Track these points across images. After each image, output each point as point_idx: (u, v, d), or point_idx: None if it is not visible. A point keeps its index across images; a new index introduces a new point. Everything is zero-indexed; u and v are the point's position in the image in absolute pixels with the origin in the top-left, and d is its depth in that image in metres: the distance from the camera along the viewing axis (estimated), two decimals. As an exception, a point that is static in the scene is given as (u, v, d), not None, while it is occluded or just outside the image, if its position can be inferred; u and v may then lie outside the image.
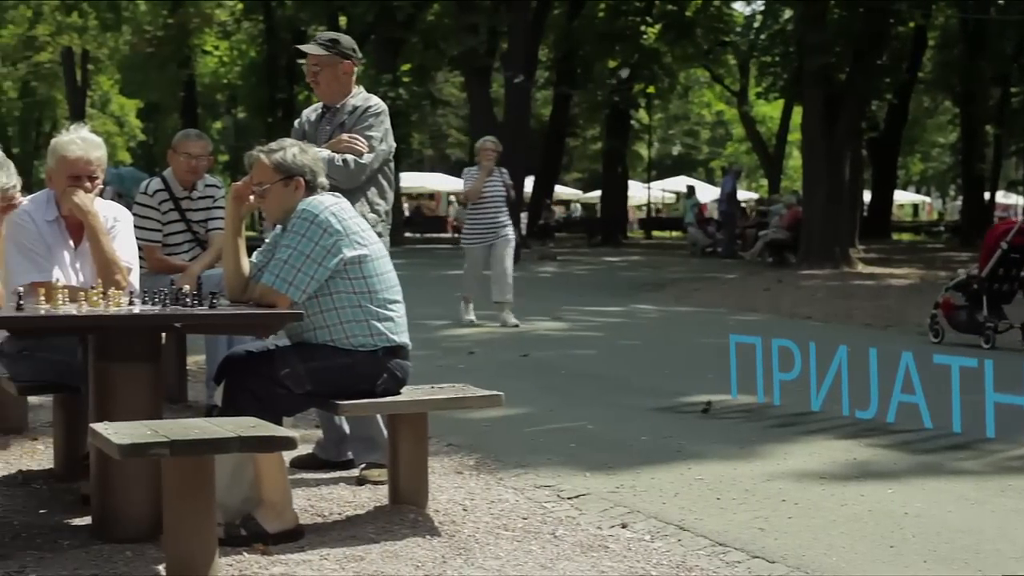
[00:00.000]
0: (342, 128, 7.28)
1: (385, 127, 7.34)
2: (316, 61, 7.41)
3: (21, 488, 6.75)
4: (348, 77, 7.42)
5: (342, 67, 7.38)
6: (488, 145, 15.70)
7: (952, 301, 14.13)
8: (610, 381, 11.14)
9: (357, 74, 7.54)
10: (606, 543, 5.72)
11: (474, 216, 15.81)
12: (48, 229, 6.55)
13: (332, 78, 7.39)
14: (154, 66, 54.76)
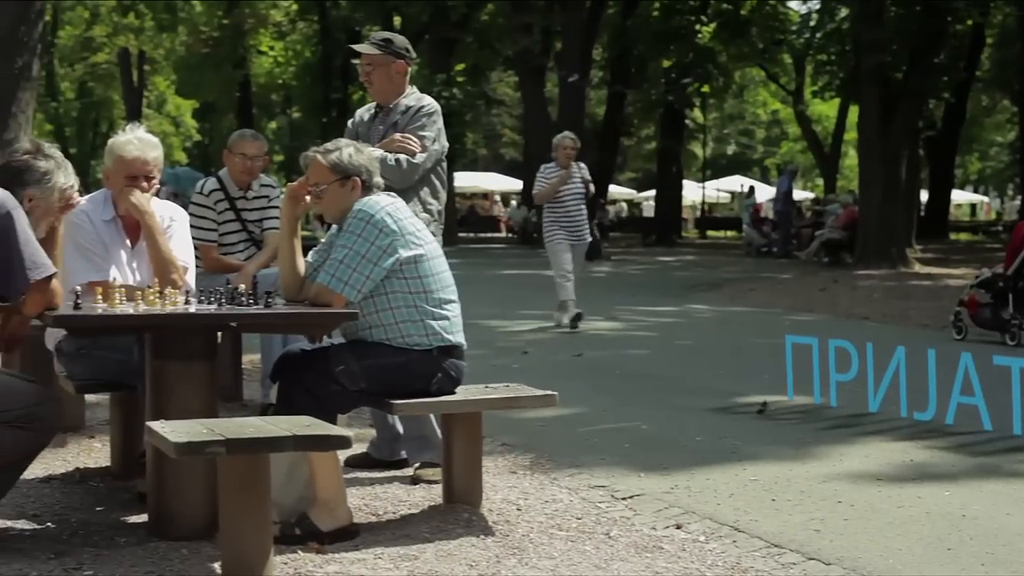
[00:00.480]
0: (395, 128, 7.28)
1: (438, 127, 7.33)
2: (369, 61, 7.42)
3: (79, 486, 6.79)
4: (401, 77, 7.41)
5: (395, 67, 7.38)
6: (567, 142, 15.08)
7: (977, 298, 14.27)
8: (664, 381, 11.11)
9: (410, 74, 7.54)
10: (660, 544, 5.70)
11: (554, 214, 15.14)
12: (105, 229, 6.58)
13: (385, 78, 7.39)
14: (210, 66, 55.07)
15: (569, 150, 14.97)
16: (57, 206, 5.76)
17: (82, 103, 67.05)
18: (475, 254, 35.21)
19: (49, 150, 5.74)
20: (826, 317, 17.50)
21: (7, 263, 5.37)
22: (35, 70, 13.27)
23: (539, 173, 15.27)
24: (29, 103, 13.01)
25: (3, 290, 5.54)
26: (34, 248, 5.43)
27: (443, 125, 7.42)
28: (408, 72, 7.47)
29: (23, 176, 5.63)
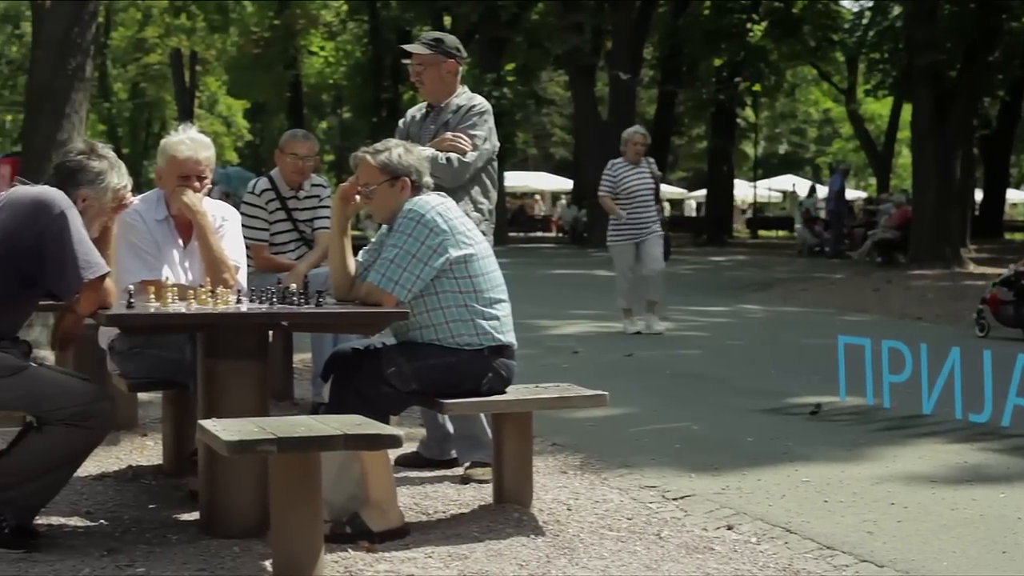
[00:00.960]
0: (446, 127, 7.28)
1: (489, 126, 7.32)
2: (420, 60, 7.43)
3: (131, 483, 6.83)
4: (452, 76, 7.41)
5: (445, 66, 7.38)
6: (637, 137, 14.58)
7: (999, 296, 14.50)
8: (716, 381, 11.07)
9: (461, 73, 7.54)
10: (712, 545, 5.68)
11: (623, 210, 14.49)
12: (158, 228, 6.62)
13: (436, 77, 7.39)
14: (261, 67, 55.29)
15: (639, 146, 14.53)
16: (110, 206, 5.80)
17: (135, 104, 67.43)
18: (525, 254, 35.21)
19: (103, 150, 5.77)
20: (879, 317, 17.40)
21: (61, 262, 5.40)
22: (88, 71, 13.33)
23: (607, 170, 14.75)
24: (82, 104, 13.07)
25: (57, 289, 5.57)
26: (87, 248, 5.46)
27: (494, 124, 7.41)
28: (459, 71, 7.47)
29: (77, 176, 5.66)
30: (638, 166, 14.51)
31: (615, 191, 14.54)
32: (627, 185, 14.42)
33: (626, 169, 14.52)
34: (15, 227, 5.43)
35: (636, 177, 14.44)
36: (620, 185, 14.49)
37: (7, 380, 5.42)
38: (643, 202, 14.44)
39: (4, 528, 5.40)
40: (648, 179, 14.47)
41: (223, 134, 64.77)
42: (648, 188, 14.46)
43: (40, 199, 5.46)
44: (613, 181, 14.58)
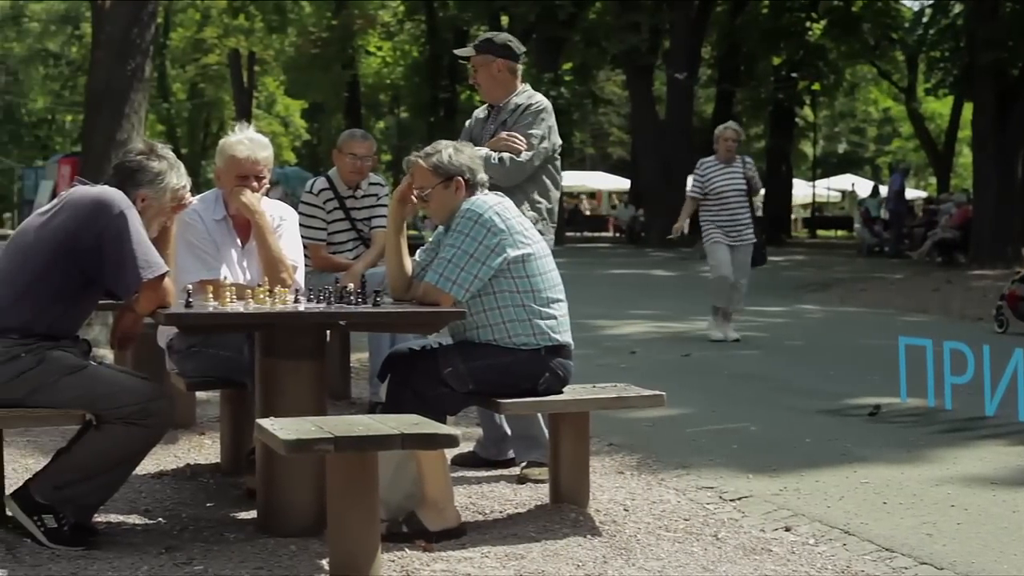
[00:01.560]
0: (504, 127, 7.27)
1: (548, 124, 7.29)
2: (472, 62, 7.44)
3: (189, 481, 6.86)
4: (506, 75, 7.37)
5: (495, 65, 7.36)
6: (728, 133, 13.65)
7: (1018, 293, 14.88)
8: (773, 382, 11.02)
9: (520, 72, 7.50)
10: (769, 546, 5.65)
11: (712, 212, 13.58)
12: (216, 228, 6.65)
13: (488, 77, 7.39)
14: (318, 67, 55.51)
15: (731, 142, 13.59)
16: (170, 206, 5.83)
17: (193, 104, 67.87)
18: (582, 253, 35.17)
19: (162, 151, 5.80)
20: (939, 318, 17.27)
21: (120, 263, 5.43)
22: (147, 71, 13.44)
23: (696, 169, 13.82)
24: (142, 104, 13.17)
25: (116, 289, 5.61)
26: (146, 248, 5.49)
27: (555, 123, 7.38)
28: (516, 70, 7.43)
29: (136, 176, 5.70)
30: (730, 165, 13.59)
31: (704, 192, 13.63)
32: (716, 185, 13.53)
33: (716, 168, 13.62)
34: (75, 227, 5.47)
35: (726, 177, 13.54)
36: (709, 185, 13.56)
37: (67, 379, 5.46)
38: (734, 204, 13.54)
39: (64, 526, 5.44)
40: (740, 179, 13.53)
41: (281, 134, 65.07)
42: (739, 189, 13.53)
43: (100, 199, 5.50)
44: (701, 181, 13.64)
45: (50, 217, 5.58)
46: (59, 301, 5.54)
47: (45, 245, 5.50)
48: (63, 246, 5.46)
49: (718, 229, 13.57)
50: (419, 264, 6.17)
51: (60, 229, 5.50)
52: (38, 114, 75.44)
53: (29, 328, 5.48)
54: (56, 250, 5.47)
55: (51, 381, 5.45)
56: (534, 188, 7.22)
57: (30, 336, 5.47)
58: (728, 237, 13.58)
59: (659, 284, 24.99)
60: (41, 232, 5.56)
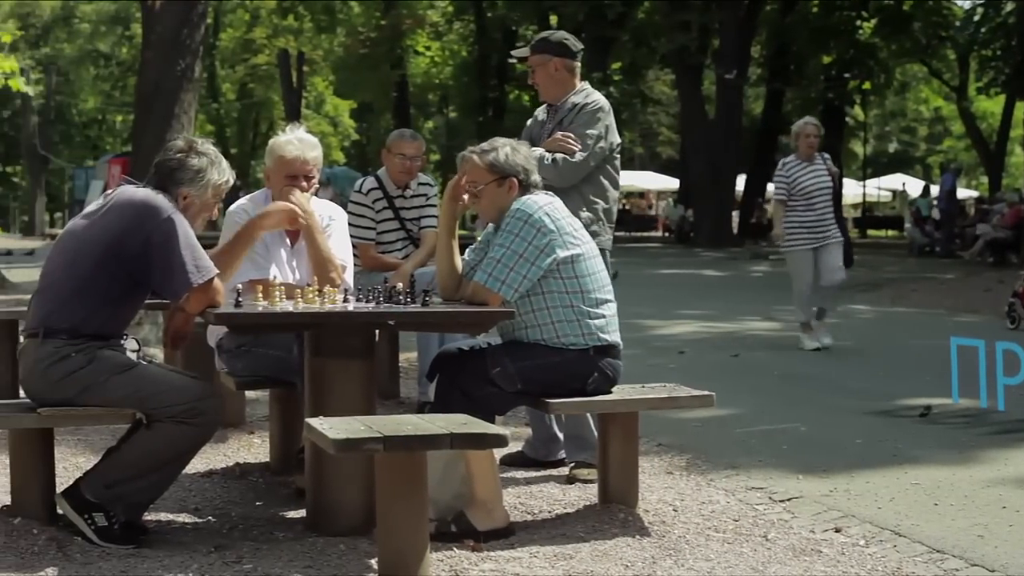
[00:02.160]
0: (561, 126, 7.24)
1: (605, 124, 7.22)
2: (530, 62, 7.41)
3: (239, 480, 6.89)
4: (563, 73, 7.32)
5: (552, 64, 7.32)
6: (809, 129, 13.01)
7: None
8: (823, 383, 10.96)
9: (579, 69, 7.44)
10: (819, 547, 5.62)
11: (798, 214, 12.89)
12: (265, 227, 6.66)
13: (545, 76, 7.35)
14: (367, 67, 55.64)
15: (812, 138, 12.94)
16: (212, 202, 5.85)
17: (242, 104, 68.18)
18: (631, 253, 35.10)
19: (202, 147, 5.81)
20: (990, 318, 17.12)
21: (168, 268, 5.46)
22: (197, 72, 13.49)
23: (778, 170, 13.19)
24: (191, 104, 13.24)
25: (165, 293, 5.64)
26: (195, 252, 5.51)
27: (613, 122, 7.32)
28: (573, 68, 7.37)
29: (177, 175, 5.72)
30: (812, 163, 12.98)
31: (789, 193, 12.98)
32: (801, 185, 12.87)
33: (799, 168, 12.98)
34: (121, 232, 5.49)
35: (811, 175, 12.91)
36: (794, 186, 12.91)
37: (117, 378, 5.49)
38: (820, 203, 12.88)
39: (114, 524, 5.47)
40: (825, 177, 12.92)
41: (330, 134, 65.29)
42: (825, 187, 12.90)
43: (146, 204, 5.52)
44: (786, 182, 12.98)
45: (96, 219, 5.61)
46: (107, 303, 5.57)
47: (92, 248, 5.53)
48: (110, 249, 5.49)
49: (805, 231, 12.90)
50: (468, 264, 6.17)
51: (106, 232, 5.52)
52: (89, 114, 76.04)
53: (78, 329, 5.51)
54: (103, 253, 5.50)
55: (101, 380, 5.48)
56: (590, 188, 7.17)
57: (79, 336, 5.50)
58: (815, 238, 12.91)
59: (708, 284, 24.92)
60: (87, 234, 5.59)
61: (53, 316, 5.53)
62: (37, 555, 5.24)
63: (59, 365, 5.47)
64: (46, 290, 5.63)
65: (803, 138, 12.95)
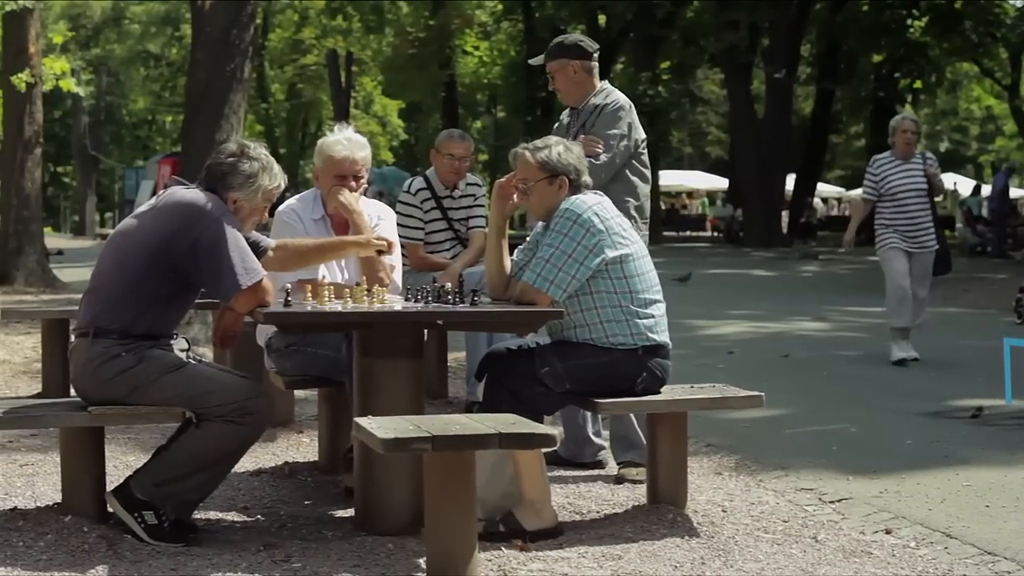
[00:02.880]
0: (584, 129, 7.23)
1: (627, 122, 7.20)
2: (549, 69, 7.43)
3: (287, 479, 6.91)
4: (583, 75, 7.32)
5: (571, 67, 7.32)
6: (906, 124, 12.07)
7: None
8: (874, 383, 10.90)
9: (595, 71, 7.43)
10: (869, 549, 5.59)
11: (888, 216, 12.02)
12: (314, 227, 6.68)
13: (566, 80, 7.36)
14: (416, 67, 55.69)
15: (909, 135, 12.01)
16: (262, 206, 5.86)
17: (292, 104, 68.41)
18: (679, 253, 35.03)
19: (254, 151, 5.81)
20: (1043, 319, 17.00)
21: (216, 270, 5.48)
22: (246, 72, 13.52)
23: (869, 167, 12.30)
24: (240, 104, 13.26)
25: (213, 293, 5.66)
26: (244, 254, 5.52)
27: (636, 119, 7.29)
28: (591, 68, 7.38)
29: (228, 179, 5.73)
30: (909, 161, 12.03)
31: (879, 193, 12.13)
32: (892, 185, 12.01)
33: (892, 165, 12.07)
34: (170, 233, 5.51)
35: (904, 175, 11.99)
36: (884, 185, 12.04)
37: (167, 377, 5.51)
38: (913, 206, 11.97)
39: (164, 523, 5.50)
40: (920, 177, 11.96)
41: (378, 134, 65.43)
42: (919, 188, 11.96)
43: (196, 205, 5.54)
44: (876, 181, 12.12)
45: (146, 220, 5.64)
46: (157, 303, 5.60)
47: (142, 249, 5.56)
48: (159, 251, 5.51)
49: (895, 233, 11.99)
50: (517, 263, 6.16)
51: (156, 233, 5.55)
52: (139, 115, 76.53)
53: (128, 329, 5.54)
54: (153, 254, 5.52)
55: (151, 379, 5.51)
56: (619, 187, 7.13)
57: (129, 336, 5.53)
58: (906, 242, 11.98)
59: (758, 284, 24.83)
60: (138, 235, 5.61)
61: (103, 316, 5.56)
62: (88, 553, 5.27)
63: (109, 364, 5.50)
64: (97, 290, 5.66)
65: (900, 134, 12.05)
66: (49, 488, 6.49)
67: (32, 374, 10.80)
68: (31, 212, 21.62)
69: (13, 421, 5.78)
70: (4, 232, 21.77)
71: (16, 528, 5.51)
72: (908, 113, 12.25)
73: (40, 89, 21.41)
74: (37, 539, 5.38)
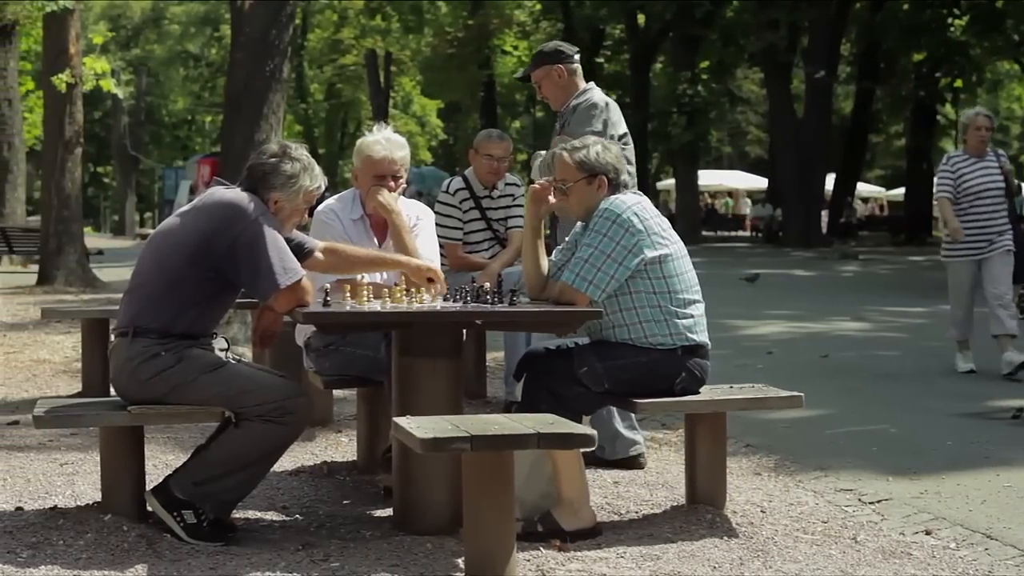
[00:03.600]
0: (563, 128, 7.28)
1: (603, 119, 7.26)
2: (535, 79, 7.50)
3: (326, 479, 6.92)
4: (568, 78, 7.51)
5: (555, 72, 7.50)
6: (980, 120, 11.43)
7: None
8: (914, 384, 10.85)
9: (579, 70, 7.51)
10: (909, 550, 5.56)
11: (961, 216, 11.28)
12: (353, 227, 6.69)
13: (552, 86, 7.52)
14: (455, 67, 55.79)
15: (983, 131, 11.39)
16: (303, 207, 5.88)
17: (330, 104, 68.60)
18: (719, 253, 34.97)
19: (296, 152, 5.83)
20: (1085, 319, 16.89)
21: (255, 270, 5.49)
22: (285, 72, 13.55)
23: (943, 164, 11.65)
24: (280, 105, 13.28)
25: (252, 293, 5.68)
26: (283, 254, 5.54)
27: (615, 117, 7.38)
28: (575, 71, 7.52)
29: (269, 179, 5.75)
30: (983, 159, 11.43)
31: (955, 192, 11.40)
32: (969, 184, 11.34)
33: (967, 163, 11.42)
34: (210, 231, 5.53)
35: (980, 173, 11.35)
36: (960, 184, 11.37)
37: (206, 376, 5.53)
38: (990, 206, 11.32)
39: (203, 522, 5.52)
40: (996, 176, 11.36)
41: (417, 134, 65.53)
42: (996, 187, 11.34)
43: (235, 205, 5.56)
44: (952, 179, 11.41)
45: (187, 220, 5.66)
46: (196, 303, 5.62)
47: (182, 249, 5.58)
48: (199, 250, 5.53)
49: (963, 244, 11.32)
50: (555, 263, 6.16)
51: (196, 232, 5.57)
52: (178, 115, 76.88)
53: (167, 329, 5.56)
54: (192, 254, 5.54)
55: (190, 379, 5.53)
56: None
57: (168, 336, 5.56)
58: (977, 247, 11.32)
59: (797, 284, 24.75)
60: (178, 235, 5.64)
61: (143, 315, 5.58)
62: (127, 552, 5.29)
63: (149, 364, 5.53)
64: (136, 289, 5.69)
65: (973, 130, 11.41)
66: (89, 487, 6.52)
67: (72, 373, 10.86)
68: (71, 212, 21.73)
69: (54, 420, 5.80)
70: (45, 232, 21.90)
71: (56, 527, 5.54)
72: (982, 108, 11.46)
73: (80, 89, 21.52)
74: (77, 538, 5.41)
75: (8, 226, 25.94)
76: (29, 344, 13.00)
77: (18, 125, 28.05)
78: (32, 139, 31.79)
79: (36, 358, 11.96)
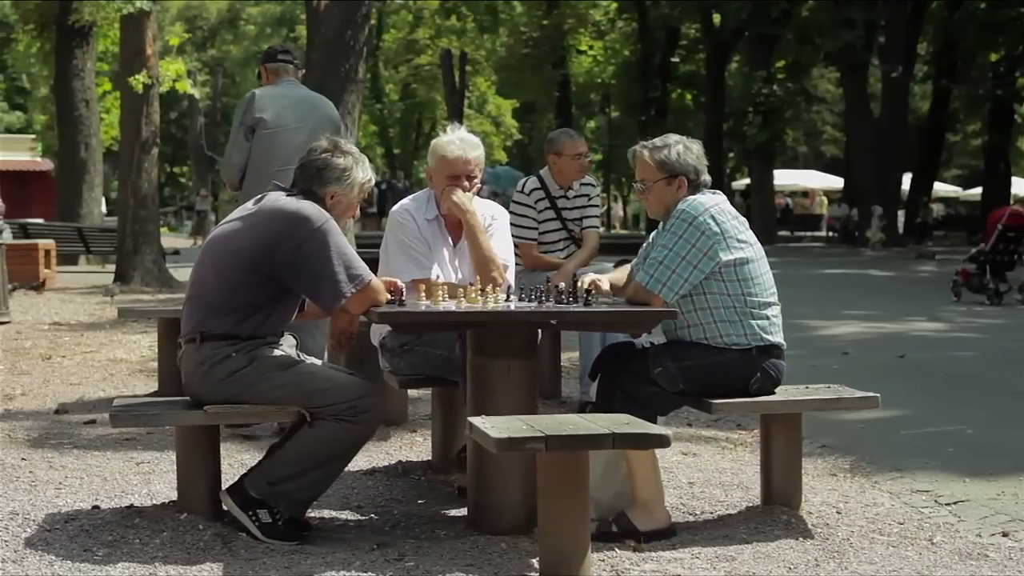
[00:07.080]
0: None
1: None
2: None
3: (401, 478, 6.94)
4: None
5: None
6: None
7: (967, 269, 19.24)
8: (991, 384, 10.75)
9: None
10: (986, 552, 5.51)
11: None
12: (428, 227, 6.70)
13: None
14: (529, 67, 55.82)
15: None
16: (357, 201, 5.90)
17: (406, 104, 68.79)
18: (794, 253, 34.78)
19: (346, 146, 5.87)
20: None
21: (318, 278, 5.52)
22: (361, 72, 13.62)
23: None
24: (355, 105, 13.36)
25: (317, 302, 5.71)
26: (350, 260, 5.56)
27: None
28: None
29: (324, 175, 5.77)
30: None
31: None
32: None
33: None
34: (272, 239, 5.53)
35: None
36: None
37: (279, 375, 5.56)
38: None
39: (278, 521, 5.55)
40: None
41: (492, 134, 65.55)
42: None
43: (299, 214, 5.55)
44: None
45: (245, 227, 5.66)
46: (259, 308, 5.63)
47: (241, 256, 5.58)
48: (259, 258, 5.54)
49: None
50: (634, 264, 6.15)
51: (255, 240, 5.57)
52: (254, 116, 77.10)
53: (235, 332, 5.59)
54: (252, 262, 5.55)
55: (264, 378, 5.56)
56: None
57: (236, 338, 5.59)
58: None
59: (874, 284, 24.57)
60: (236, 240, 5.64)
61: (207, 322, 5.61)
62: (203, 550, 5.34)
63: (220, 366, 5.56)
64: (196, 298, 5.70)
65: None
66: (165, 486, 6.58)
67: (148, 373, 10.95)
68: (148, 212, 21.91)
69: (130, 419, 5.86)
70: (121, 232, 22.09)
71: (132, 526, 5.59)
72: None
73: (157, 90, 21.69)
74: (153, 536, 5.46)
75: (85, 226, 26.21)
76: (106, 343, 13.13)
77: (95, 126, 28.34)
78: (109, 140, 32.06)
79: (113, 357, 12.08)
